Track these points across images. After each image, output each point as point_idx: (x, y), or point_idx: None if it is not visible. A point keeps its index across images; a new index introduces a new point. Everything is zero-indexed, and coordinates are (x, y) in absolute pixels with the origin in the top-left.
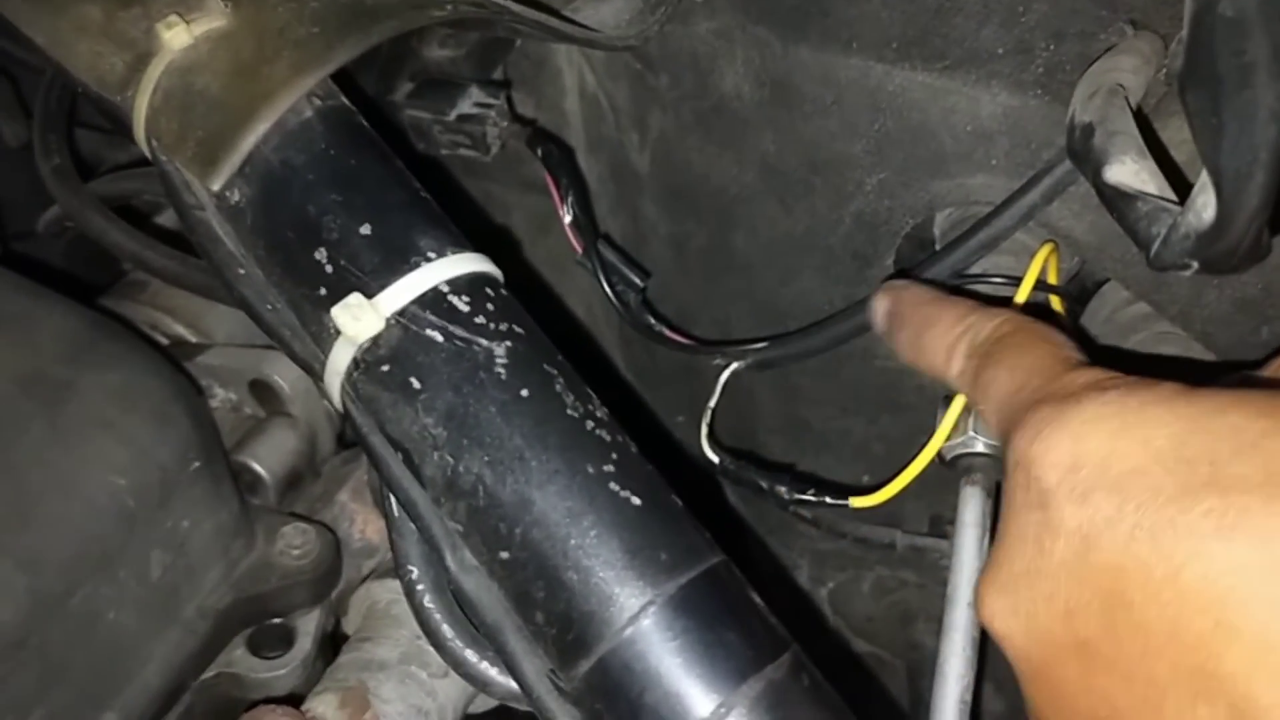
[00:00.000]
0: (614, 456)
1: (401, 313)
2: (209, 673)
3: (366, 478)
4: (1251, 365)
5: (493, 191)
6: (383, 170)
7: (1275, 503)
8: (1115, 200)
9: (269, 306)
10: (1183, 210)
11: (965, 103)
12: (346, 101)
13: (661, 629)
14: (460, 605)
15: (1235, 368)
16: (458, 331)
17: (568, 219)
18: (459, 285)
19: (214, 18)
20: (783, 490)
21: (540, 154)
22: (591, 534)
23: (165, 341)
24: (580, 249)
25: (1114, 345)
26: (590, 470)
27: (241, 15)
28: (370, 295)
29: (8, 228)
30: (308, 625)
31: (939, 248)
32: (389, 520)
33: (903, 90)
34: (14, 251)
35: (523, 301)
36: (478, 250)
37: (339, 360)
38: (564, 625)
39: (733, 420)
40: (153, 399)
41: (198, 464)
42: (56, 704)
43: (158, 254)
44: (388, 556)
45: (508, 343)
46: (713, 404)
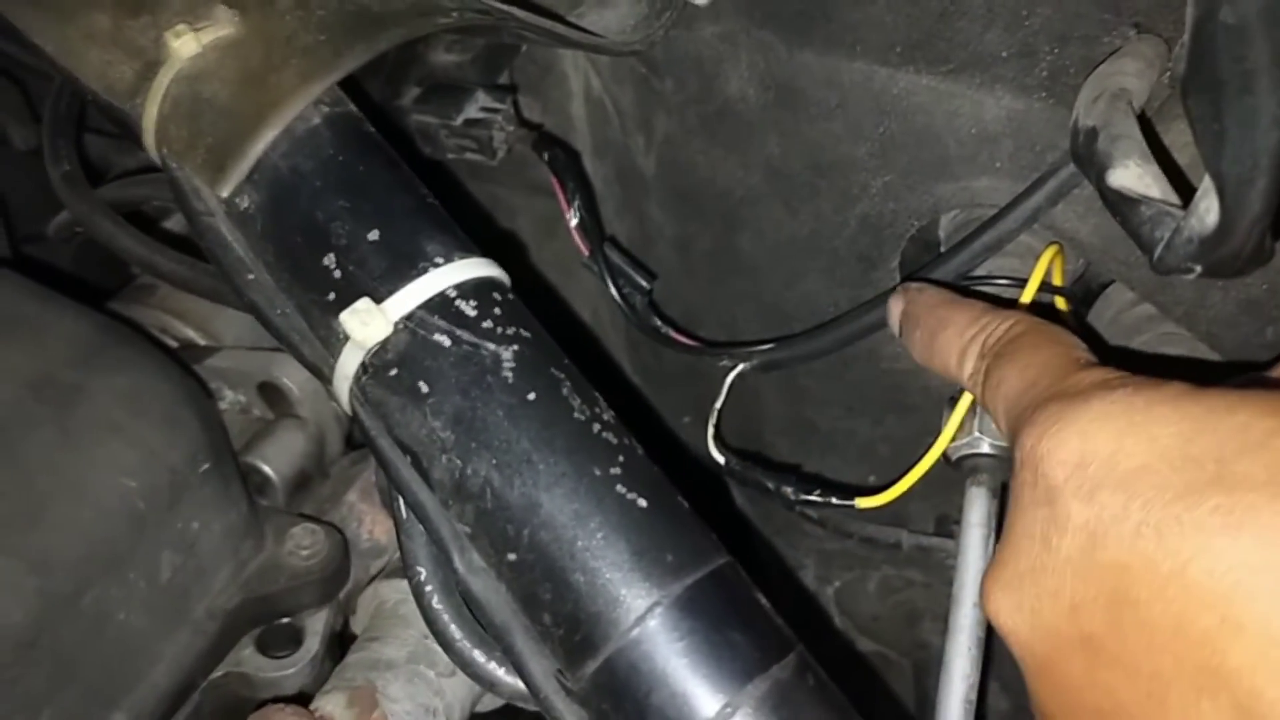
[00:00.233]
0: (620, 459)
1: (409, 317)
2: (218, 672)
3: (375, 479)
4: (1258, 366)
5: (499, 195)
6: (390, 176)
7: None
8: (1119, 204)
9: (278, 311)
10: (1186, 215)
11: (969, 106)
12: (354, 108)
13: (668, 630)
14: (468, 606)
15: (1242, 368)
16: (465, 336)
17: (574, 222)
18: (466, 290)
19: (222, 26)
20: (789, 491)
21: (546, 158)
22: (598, 536)
23: (174, 345)
24: (586, 252)
25: (1120, 346)
26: (597, 472)
27: (249, 24)
28: (378, 300)
29: (18, 231)
30: (316, 625)
31: (944, 250)
32: (397, 522)
33: (907, 94)
34: (24, 255)
35: (529, 304)
36: (484, 254)
37: (348, 365)
38: (571, 626)
39: (739, 421)
40: (162, 402)
41: (207, 466)
42: (66, 703)
43: (167, 259)
44: (396, 556)
45: (515, 347)
46: (719, 405)
